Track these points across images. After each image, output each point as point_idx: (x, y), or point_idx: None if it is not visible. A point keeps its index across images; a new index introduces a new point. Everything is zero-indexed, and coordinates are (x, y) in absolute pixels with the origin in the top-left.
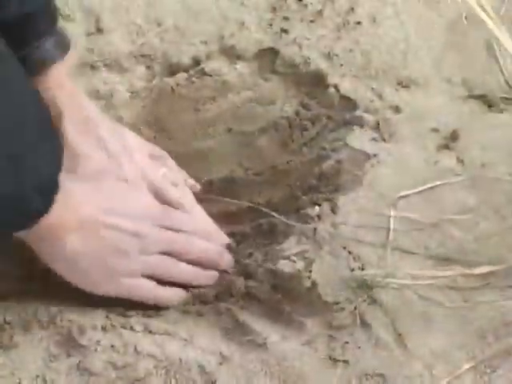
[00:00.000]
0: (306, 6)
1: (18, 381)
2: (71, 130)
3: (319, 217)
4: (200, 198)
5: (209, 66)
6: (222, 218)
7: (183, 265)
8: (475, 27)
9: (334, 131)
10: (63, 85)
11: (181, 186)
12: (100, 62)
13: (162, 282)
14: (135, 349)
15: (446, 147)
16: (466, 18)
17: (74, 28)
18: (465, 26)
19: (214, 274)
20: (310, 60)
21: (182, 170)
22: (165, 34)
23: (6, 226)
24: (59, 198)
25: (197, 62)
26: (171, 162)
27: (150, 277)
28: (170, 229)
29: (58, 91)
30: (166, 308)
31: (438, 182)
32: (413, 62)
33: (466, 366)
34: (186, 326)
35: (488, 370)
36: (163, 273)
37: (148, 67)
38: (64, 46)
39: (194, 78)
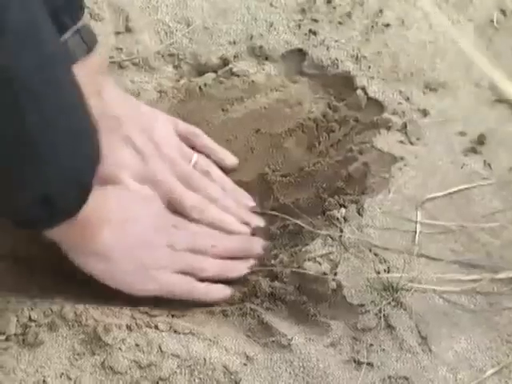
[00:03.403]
0: (334, 7)
1: (42, 378)
2: None
3: (345, 219)
4: None
5: (237, 67)
6: None
7: (211, 259)
8: (504, 31)
9: (361, 133)
10: (87, 83)
11: (213, 171)
12: (128, 61)
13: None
14: (160, 348)
15: (473, 151)
16: (494, 22)
17: (102, 27)
18: (493, 30)
19: (245, 264)
20: (338, 62)
21: (216, 146)
22: (193, 33)
23: (36, 224)
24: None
25: (225, 62)
26: (205, 140)
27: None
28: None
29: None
30: (191, 308)
31: (465, 186)
32: (441, 65)
33: (491, 371)
34: (210, 326)
35: None
36: (194, 268)
37: (176, 67)
38: (88, 45)
39: (221, 79)
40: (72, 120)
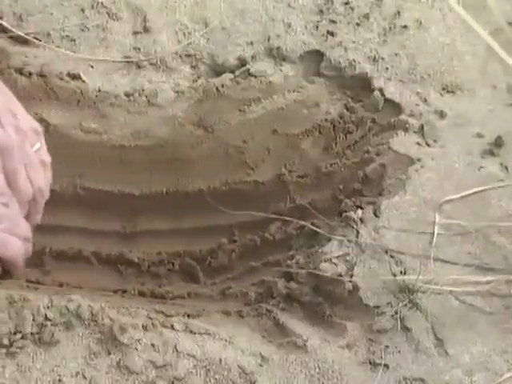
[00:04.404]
0: (352, 9)
1: (58, 377)
2: None
3: (362, 220)
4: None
5: (254, 67)
6: (262, 222)
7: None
8: None
9: (378, 135)
10: None
11: (47, 167)
12: (146, 61)
13: None
14: (175, 348)
15: (491, 153)
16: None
17: (120, 27)
18: (510, 33)
19: None
20: (356, 63)
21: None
22: (211, 34)
23: None
24: None
25: (242, 62)
26: (43, 142)
27: None
28: None
29: None
30: (208, 309)
31: (481, 188)
32: (458, 67)
33: (507, 374)
34: (226, 326)
35: None
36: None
37: (193, 67)
38: None
39: (239, 79)
40: None
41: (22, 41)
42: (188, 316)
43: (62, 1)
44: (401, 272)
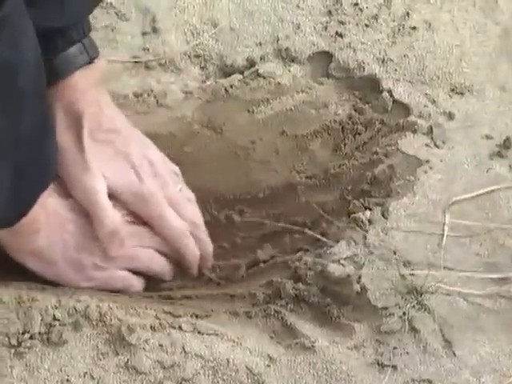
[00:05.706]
0: (361, 10)
1: (66, 377)
2: (88, 139)
3: (370, 221)
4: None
5: (263, 68)
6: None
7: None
8: None
9: (387, 136)
10: (87, 92)
11: (193, 202)
12: (155, 62)
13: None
14: (183, 349)
15: (499, 155)
16: None
17: (129, 27)
18: None
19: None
20: (365, 64)
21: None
22: (220, 34)
23: None
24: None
25: (251, 63)
26: (182, 181)
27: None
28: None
29: (81, 97)
30: (216, 309)
31: (491, 188)
32: (467, 69)
33: None
34: (234, 327)
35: None
36: (137, 265)
37: (202, 68)
38: (90, 55)
39: (247, 80)
40: (21, 156)
41: None
42: (196, 316)
43: None
44: (409, 273)
